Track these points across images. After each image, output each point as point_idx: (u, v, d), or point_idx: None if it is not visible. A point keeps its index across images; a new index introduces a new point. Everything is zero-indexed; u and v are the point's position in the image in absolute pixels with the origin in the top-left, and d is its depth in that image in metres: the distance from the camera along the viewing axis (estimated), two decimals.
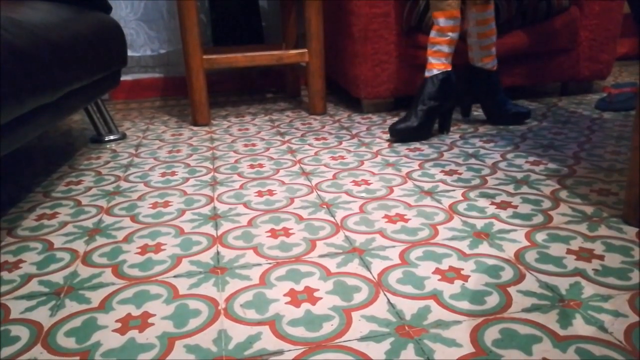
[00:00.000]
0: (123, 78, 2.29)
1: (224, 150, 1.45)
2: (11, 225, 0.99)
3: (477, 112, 1.76)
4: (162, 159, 1.39)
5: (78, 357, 0.60)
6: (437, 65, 1.44)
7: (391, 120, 1.71)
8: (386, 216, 0.95)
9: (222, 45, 2.27)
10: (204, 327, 0.64)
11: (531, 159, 1.25)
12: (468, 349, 0.58)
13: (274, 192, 1.10)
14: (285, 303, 0.69)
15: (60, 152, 1.51)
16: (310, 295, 0.70)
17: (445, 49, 1.43)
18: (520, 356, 0.57)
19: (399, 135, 1.44)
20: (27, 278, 0.78)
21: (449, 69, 1.45)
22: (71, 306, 0.70)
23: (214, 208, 1.03)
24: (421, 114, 1.43)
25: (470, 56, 1.56)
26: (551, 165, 1.19)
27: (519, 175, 1.14)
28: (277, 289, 0.72)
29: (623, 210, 0.90)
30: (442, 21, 1.42)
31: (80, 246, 0.88)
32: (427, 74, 1.45)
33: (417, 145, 1.41)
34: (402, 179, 1.15)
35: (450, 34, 1.43)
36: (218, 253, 0.84)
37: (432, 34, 1.45)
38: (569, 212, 0.94)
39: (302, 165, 1.28)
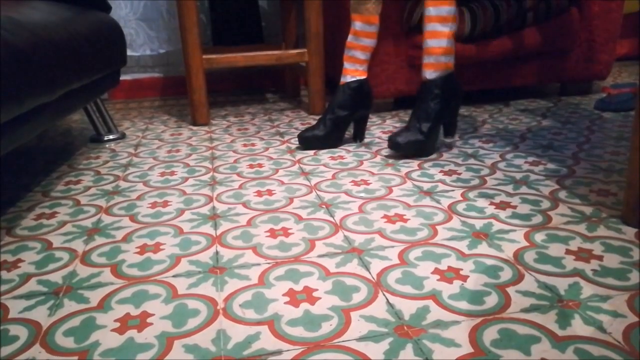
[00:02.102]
0: (122, 77, 2.29)
1: (223, 150, 1.45)
2: (10, 224, 0.99)
3: (476, 112, 1.76)
4: (161, 159, 1.39)
5: (77, 357, 0.60)
6: (351, 71, 1.37)
7: (391, 120, 1.71)
8: (385, 216, 0.95)
9: (222, 45, 2.27)
10: (203, 326, 0.64)
11: (530, 159, 1.25)
12: (467, 349, 0.58)
13: (273, 192, 1.10)
14: (284, 303, 0.69)
15: (59, 152, 1.51)
16: (309, 295, 0.70)
17: (360, 55, 1.35)
18: (519, 356, 0.57)
19: (305, 144, 1.40)
20: (25, 277, 0.78)
21: (364, 77, 1.37)
22: (70, 306, 0.70)
23: (213, 208, 1.03)
24: (329, 124, 1.38)
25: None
26: (550, 166, 1.19)
27: (518, 176, 1.14)
28: (276, 288, 0.72)
29: (622, 211, 0.90)
30: (358, 25, 1.34)
31: (79, 246, 0.88)
32: (341, 80, 1.38)
33: None
34: (402, 179, 1.15)
35: (365, 40, 1.33)
36: (217, 253, 0.84)
37: (349, 38, 1.36)
38: (568, 212, 0.94)
39: (301, 165, 1.28)
